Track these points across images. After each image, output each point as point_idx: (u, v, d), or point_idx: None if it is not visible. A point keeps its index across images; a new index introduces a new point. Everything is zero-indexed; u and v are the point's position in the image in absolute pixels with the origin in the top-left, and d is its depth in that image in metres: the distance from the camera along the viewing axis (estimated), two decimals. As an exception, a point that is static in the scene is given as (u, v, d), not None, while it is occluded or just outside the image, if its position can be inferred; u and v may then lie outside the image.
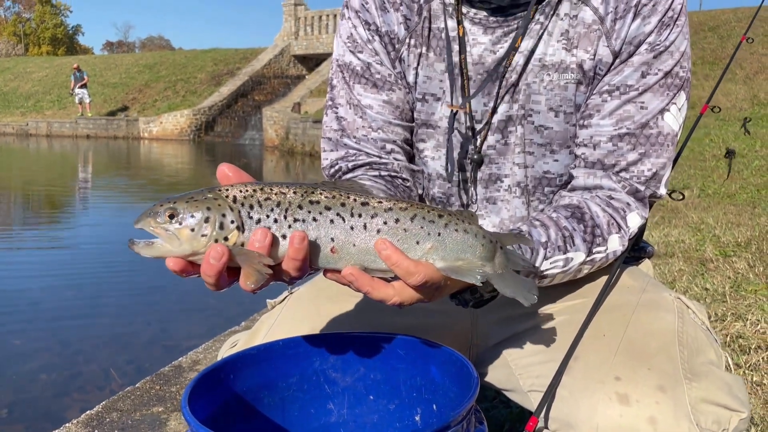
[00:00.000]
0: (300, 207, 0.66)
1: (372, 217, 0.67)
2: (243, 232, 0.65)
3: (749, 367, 1.67)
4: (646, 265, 1.11)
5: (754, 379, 1.60)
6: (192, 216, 0.64)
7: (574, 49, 0.94)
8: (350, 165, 1.01)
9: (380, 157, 1.01)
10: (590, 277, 0.96)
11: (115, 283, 4.39)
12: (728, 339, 1.87)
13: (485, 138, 1.00)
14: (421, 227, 0.69)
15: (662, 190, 0.96)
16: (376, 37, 1.02)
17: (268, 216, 0.65)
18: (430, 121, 1.02)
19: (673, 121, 0.94)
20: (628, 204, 0.93)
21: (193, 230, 0.64)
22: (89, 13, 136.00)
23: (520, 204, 1.01)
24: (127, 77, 27.31)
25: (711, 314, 2.10)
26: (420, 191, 1.06)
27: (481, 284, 0.71)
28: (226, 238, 0.64)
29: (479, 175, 1.02)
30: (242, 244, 0.65)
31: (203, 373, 0.80)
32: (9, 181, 11.78)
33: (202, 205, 0.64)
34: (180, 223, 0.64)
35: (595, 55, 0.94)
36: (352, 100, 1.03)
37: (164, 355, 3.04)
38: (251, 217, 0.65)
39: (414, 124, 1.03)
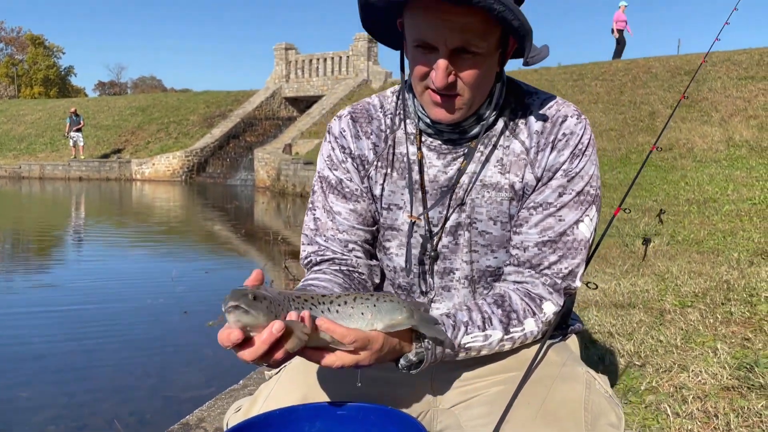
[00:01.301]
0: (293, 301, 0.95)
1: (329, 304, 0.97)
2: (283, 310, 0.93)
3: (686, 416, 1.90)
4: (573, 340, 1.35)
5: (689, 427, 1.83)
6: (264, 298, 0.90)
7: (507, 173, 1.21)
8: (318, 259, 1.29)
9: (342, 254, 1.28)
10: (524, 353, 1.20)
11: (114, 336, 4.58)
12: (672, 389, 2.10)
13: (440, 239, 1.26)
14: (362, 304, 0.99)
15: (577, 283, 1.21)
16: (349, 159, 1.29)
17: (302, 307, 0.95)
18: (394, 226, 1.29)
19: (586, 229, 1.20)
20: (542, 296, 1.18)
21: (267, 307, 0.89)
22: (82, 53, 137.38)
23: (468, 292, 1.27)
24: (120, 119, 27.63)
25: (660, 365, 2.33)
26: (377, 281, 1.33)
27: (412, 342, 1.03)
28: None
29: (435, 268, 1.28)
30: None
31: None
32: (4, 225, 11.94)
33: (267, 294, 0.91)
34: (261, 302, 0.89)
35: (523, 178, 1.20)
36: (326, 206, 1.30)
37: (164, 405, 3.24)
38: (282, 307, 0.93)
39: (374, 228, 1.31)
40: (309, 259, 1.30)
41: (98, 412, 3.18)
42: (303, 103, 25.03)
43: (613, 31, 19.36)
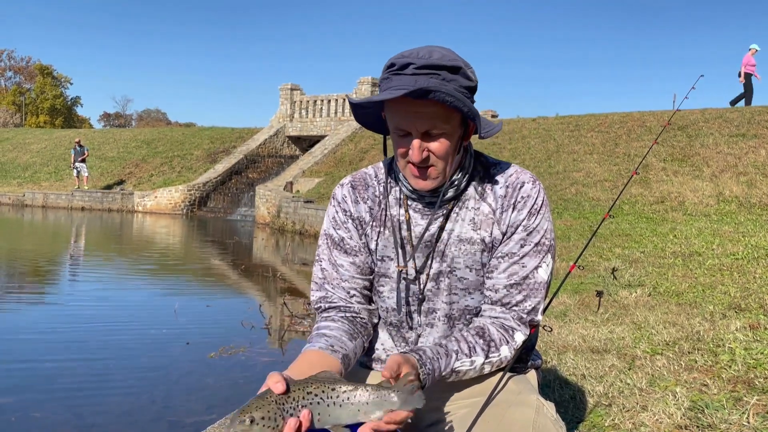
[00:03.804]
0: (303, 398, 1.16)
1: (335, 398, 1.17)
2: (284, 419, 1.14)
3: (640, 449, 2.15)
4: (532, 374, 1.62)
5: (641, 458, 2.08)
6: (262, 418, 1.12)
7: (479, 230, 1.50)
8: (326, 305, 1.57)
9: (347, 302, 1.56)
10: (488, 383, 1.47)
11: (121, 364, 4.83)
12: (631, 426, 2.35)
13: (425, 284, 1.54)
14: (361, 398, 1.17)
15: (539, 317, 1.50)
16: (349, 221, 1.59)
17: (294, 409, 1.15)
18: (387, 274, 1.57)
19: (544, 273, 1.49)
20: (514, 328, 1.48)
21: (263, 427, 1.11)
22: (88, 84, 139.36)
23: (446, 327, 1.55)
24: (125, 152, 28.07)
25: (624, 405, 2.58)
26: (375, 321, 1.61)
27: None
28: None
29: (422, 308, 1.55)
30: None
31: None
32: (10, 253, 12.17)
33: (263, 411, 1.12)
34: (258, 423, 1.11)
35: (491, 234, 1.50)
36: (331, 259, 1.58)
37: (169, 429, 3.47)
38: (286, 411, 1.14)
39: (371, 276, 1.59)
40: (319, 304, 1.58)
41: (108, 433, 3.41)
42: (305, 143, 25.52)
43: (740, 75, 17.52)
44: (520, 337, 1.47)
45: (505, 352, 1.45)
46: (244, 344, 5.52)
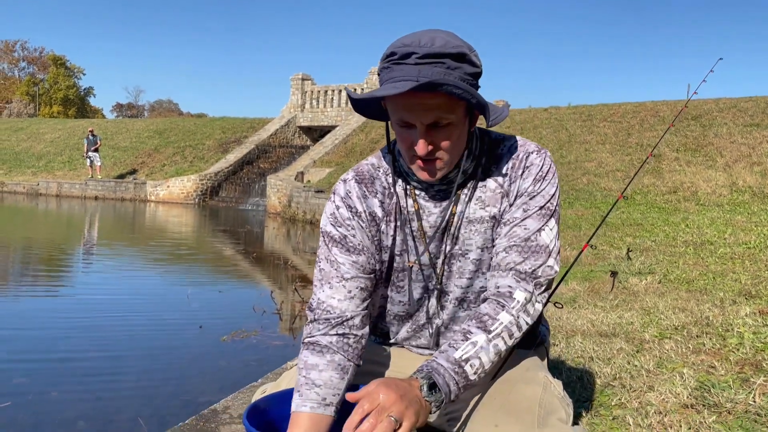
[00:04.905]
0: None
1: None
2: None
3: (645, 426, 2.17)
4: (541, 352, 1.64)
5: (647, 435, 2.10)
6: None
7: (486, 207, 1.50)
8: (320, 315, 1.45)
9: (342, 309, 1.45)
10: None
11: (135, 346, 4.93)
12: (637, 405, 2.38)
13: (441, 271, 1.53)
14: None
15: (542, 278, 1.42)
16: (356, 217, 1.50)
17: None
18: (405, 267, 1.55)
19: (546, 236, 1.44)
20: (510, 287, 1.39)
21: None
22: (101, 75, 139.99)
23: (457, 310, 1.55)
24: (137, 141, 28.23)
25: (631, 386, 2.61)
26: (366, 332, 1.49)
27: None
28: None
29: (436, 294, 1.56)
30: None
31: (253, 404, 1.33)
32: (30, 241, 12.33)
33: None
34: None
35: (500, 208, 1.48)
36: (329, 257, 1.48)
37: (182, 407, 3.54)
38: None
39: (372, 276, 1.51)
40: (314, 310, 1.46)
41: (123, 411, 3.49)
42: (316, 133, 25.55)
43: None
44: (520, 295, 1.37)
45: (506, 318, 1.35)
46: (255, 328, 5.59)
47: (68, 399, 3.69)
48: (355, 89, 24.25)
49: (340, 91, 24.71)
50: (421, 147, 1.33)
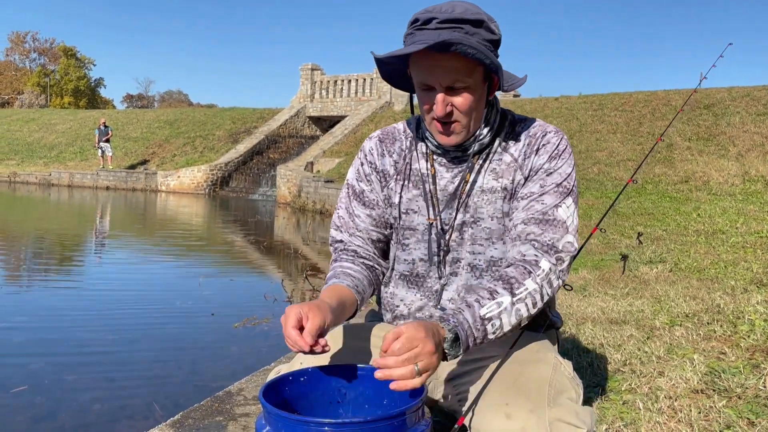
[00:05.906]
0: None
1: None
2: None
3: (656, 411, 2.18)
4: (552, 334, 1.66)
5: (656, 419, 2.11)
6: None
7: (500, 178, 1.53)
8: (346, 247, 1.63)
9: (365, 249, 1.63)
10: (507, 342, 1.50)
11: (149, 333, 5.01)
12: (648, 390, 2.39)
13: (451, 235, 1.57)
14: None
15: (563, 252, 1.44)
16: (374, 173, 1.63)
17: None
18: (412, 226, 1.61)
19: (563, 213, 1.46)
20: (536, 256, 1.41)
21: None
22: (112, 66, 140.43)
23: (470, 277, 1.57)
24: (148, 132, 28.34)
25: (642, 372, 2.62)
26: (386, 271, 1.67)
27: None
28: None
29: (446, 258, 1.59)
30: None
31: (269, 383, 1.35)
32: (43, 231, 12.44)
33: None
34: None
35: (513, 180, 1.52)
36: (349, 208, 1.65)
37: (195, 392, 3.59)
38: None
39: (386, 230, 1.65)
40: (338, 245, 1.64)
41: (137, 395, 3.55)
42: (326, 123, 25.55)
43: None
44: (545, 264, 1.40)
45: (531, 285, 1.37)
46: (267, 315, 5.64)
47: (83, 384, 3.76)
48: (365, 79, 24.24)
49: (350, 81, 24.69)
50: (440, 107, 1.41)
